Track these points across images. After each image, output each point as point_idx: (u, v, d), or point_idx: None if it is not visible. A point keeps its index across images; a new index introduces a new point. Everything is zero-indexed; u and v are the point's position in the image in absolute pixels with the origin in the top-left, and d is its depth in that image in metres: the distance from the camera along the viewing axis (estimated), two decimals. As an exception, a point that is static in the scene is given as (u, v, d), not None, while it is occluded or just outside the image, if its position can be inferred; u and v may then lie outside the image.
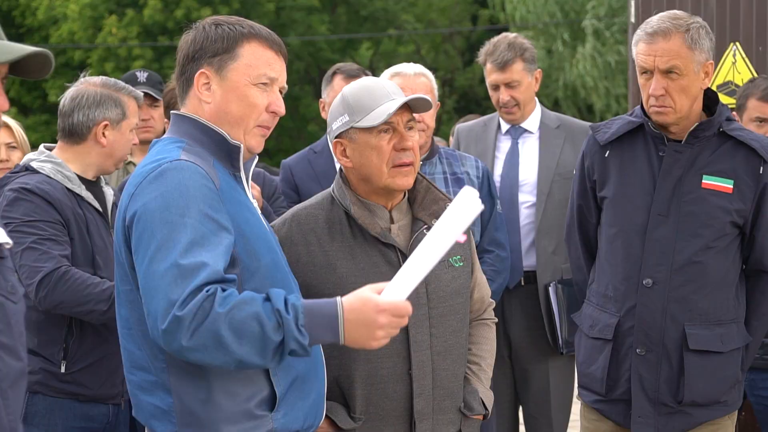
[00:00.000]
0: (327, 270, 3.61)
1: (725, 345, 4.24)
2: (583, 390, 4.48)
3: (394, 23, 30.05)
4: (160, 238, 2.94)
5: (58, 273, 4.21)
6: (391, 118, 3.56)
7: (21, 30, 28.23)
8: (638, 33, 4.26)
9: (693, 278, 4.22)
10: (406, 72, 5.05)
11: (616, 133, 4.36)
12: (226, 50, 3.16)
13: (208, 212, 2.98)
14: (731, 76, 6.30)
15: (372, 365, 3.61)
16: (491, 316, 4.00)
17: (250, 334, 2.87)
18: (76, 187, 4.42)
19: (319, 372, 3.27)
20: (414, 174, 3.66)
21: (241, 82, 3.17)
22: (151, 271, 2.93)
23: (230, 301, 2.87)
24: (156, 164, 3.06)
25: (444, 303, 3.69)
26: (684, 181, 4.24)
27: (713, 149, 4.25)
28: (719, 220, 4.22)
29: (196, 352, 2.88)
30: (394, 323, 2.98)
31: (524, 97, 5.70)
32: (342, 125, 3.63)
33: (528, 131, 5.76)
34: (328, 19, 28.65)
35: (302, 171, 5.61)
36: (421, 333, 3.63)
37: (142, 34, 26.66)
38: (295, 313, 2.91)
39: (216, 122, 3.18)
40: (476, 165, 5.16)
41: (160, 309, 2.89)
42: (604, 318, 4.36)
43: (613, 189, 4.37)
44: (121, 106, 4.54)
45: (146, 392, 3.13)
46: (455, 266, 3.74)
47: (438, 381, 3.67)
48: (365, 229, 3.63)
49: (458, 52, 32.39)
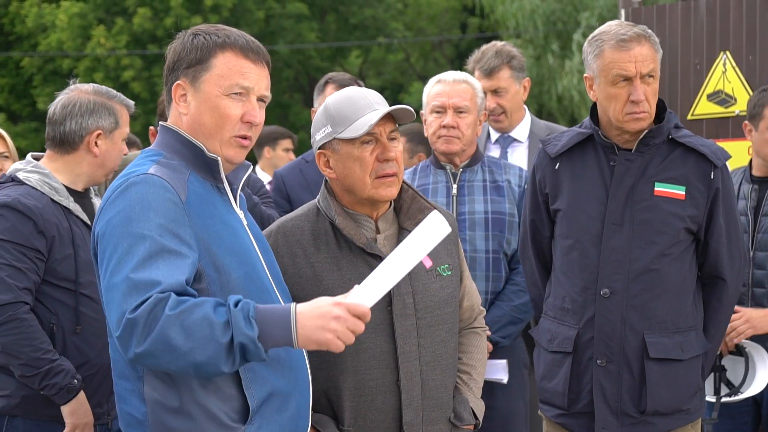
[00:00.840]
0: (313, 282, 3.60)
1: (685, 353, 4.23)
2: (544, 405, 4.46)
3: (384, 31, 30.05)
4: (120, 252, 2.94)
5: (10, 311, 4.14)
6: (374, 128, 3.56)
7: (10, 38, 28.17)
8: (600, 43, 4.22)
9: (650, 286, 4.21)
10: (446, 79, 5.04)
11: (566, 145, 4.36)
12: (199, 61, 3.17)
13: (169, 226, 2.98)
14: (721, 86, 6.29)
15: (360, 377, 3.59)
16: (481, 325, 3.98)
17: (201, 336, 2.85)
18: (64, 200, 4.33)
19: (302, 386, 3.25)
20: (398, 184, 3.65)
21: (212, 93, 3.16)
22: (109, 284, 2.94)
23: (181, 306, 2.85)
24: (124, 178, 3.08)
25: (432, 313, 3.67)
26: (636, 190, 4.23)
27: (664, 156, 4.25)
28: (673, 227, 4.21)
29: (150, 357, 2.87)
30: (350, 321, 2.93)
31: (511, 104, 5.69)
32: (325, 136, 3.63)
33: (517, 140, 5.76)
34: (317, 27, 28.64)
35: (294, 180, 5.60)
36: (409, 343, 3.61)
37: (132, 43, 26.63)
38: (246, 308, 2.89)
39: (192, 134, 3.19)
40: (519, 174, 5.10)
41: (114, 320, 2.90)
42: (562, 331, 4.33)
43: (566, 201, 4.35)
44: (114, 114, 4.44)
45: (125, 401, 3.15)
46: (443, 275, 3.73)
47: (427, 392, 3.66)
48: (351, 240, 3.62)
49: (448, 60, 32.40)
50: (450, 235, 3.82)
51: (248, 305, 2.90)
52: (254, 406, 3.10)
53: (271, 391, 3.13)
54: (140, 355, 2.86)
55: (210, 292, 3.04)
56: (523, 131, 5.77)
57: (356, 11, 29.39)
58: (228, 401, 3.08)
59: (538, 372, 4.46)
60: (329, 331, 2.91)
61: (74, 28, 26.40)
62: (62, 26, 26.24)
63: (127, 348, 2.88)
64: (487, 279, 4.93)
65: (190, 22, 25.80)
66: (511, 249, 4.98)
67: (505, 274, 4.99)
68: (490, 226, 4.93)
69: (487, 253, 4.93)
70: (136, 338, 2.85)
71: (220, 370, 2.91)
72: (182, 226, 3.01)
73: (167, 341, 2.83)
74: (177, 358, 2.85)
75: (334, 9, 29.74)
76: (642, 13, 6.63)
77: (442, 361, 3.70)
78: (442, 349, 3.70)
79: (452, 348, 3.76)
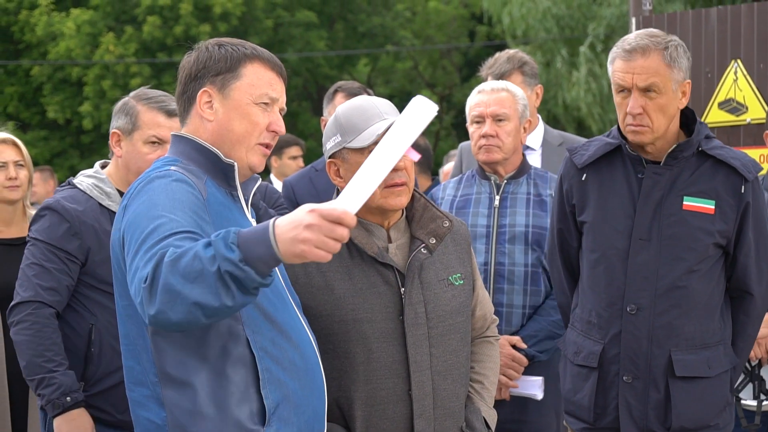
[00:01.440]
0: (324, 291, 3.59)
1: (712, 369, 4.16)
2: (569, 417, 4.41)
3: (392, 39, 30.05)
4: (145, 232, 2.91)
5: (28, 309, 4.24)
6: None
7: (20, 46, 28.22)
8: (615, 50, 4.18)
9: (677, 303, 4.14)
10: (485, 88, 4.99)
11: (593, 155, 4.29)
12: (229, 69, 3.22)
13: (193, 217, 2.98)
14: (732, 94, 6.28)
15: (372, 386, 3.58)
16: (494, 334, 3.97)
17: (195, 273, 2.72)
18: (113, 204, 4.36)
19: (317, 389, 3.25)
20: (407, 194, 3.65)
21: (243, 101, 3.22)
22: (133, 263, 2.90)
23: (176, 252, 2.77)
24: (145, 175, 3.11)
25: (444, 322, 3.66)
26: (664, 204, 4.16)
27: (693, 169, 4.17)
28: (702, 243, 4.13)
29: (162, 314, 2.77)
30: (325, 228, 2.70)
31: None
32: (335, 145, 3.64)
33: (531, 148, 5.74)
34: (326, 36, 28.65)
35: (304, 189, 5.59)
36: (420, 353, 3.61)
37: (141, 51, 26.67)
38: (227, 234, 2.76)
39: (217, 140, 3.22)
40: None
41: (134, 286, 2.87)
42: (588, 345, 4.29)
43: (593, 213, 4.29)
44: (131, 115, 4.42)
45: (143, 407, 3.15)
46: (455, 285, 3.72)
47: (439, 401, 3.65)
48: (362, 250, 3.60)
49: (456, 67, 32.40)
50: (463, 244, 3.82)
51: (228, 232, 2.76)
52: (271, 407, 3.10)
53: (287, 393, 3.13)
54: (155, 316, 2.78)
55: None
56: (537, 139, 5.75)
57: (365, 19, 29.40)
58: (246, 404, 3.08)
59: (564, 383, 4.43)
60: (302, 241, 2.69)
61: (83, 36, 26.45)
62: (71, 34, 26.29)
63: (144, 313, 2.82)
64: (525, 293, 4.87)
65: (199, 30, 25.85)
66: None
67: (544, 289, 4.91)
68: (530, 240, 4.86)
69: (525, 266, 4.87)
70: (146, 300, 2.78)
71: (224, 304, 2.76)
72: (205, 222, 3.02)
73: (169, 289, 2.74)
74: (181, 302, 2.74)
75: (342, 17, 29.77)
76: (653, 22, 6.62)
77: (454, 371, 3.69)
78: (454, 358, 3.69)
79: (464, 357, 3.74)
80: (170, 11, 26.59)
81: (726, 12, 6.33)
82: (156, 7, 26.54)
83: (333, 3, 29.38)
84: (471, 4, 31.71)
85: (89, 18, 26.71)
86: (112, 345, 4.30)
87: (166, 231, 2.89)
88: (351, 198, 2.77)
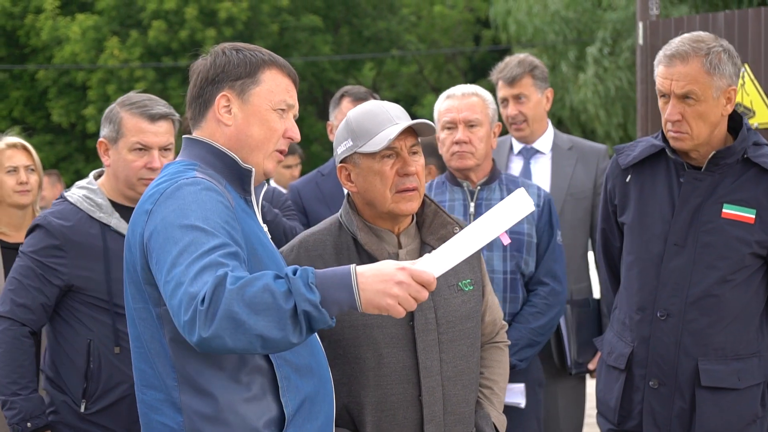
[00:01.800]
0: (335, 297, 3.57)
1: (742, 381, 4.11)
2: (600, 417, 4.41)
3: (397, 43, 30.07)
4: (183, 244, 2.91)
5: (3, 325, 4.20)
6: (394, 143, 3.55)
7: (25, 50, 28.26)
8: (659, 55, 4.13)
9: (708, 312, 4.09)
10: (455, 93, 4.95)
11: (638, 156, 4.24)
12: (248, 74, 3.21)
13: (225, 226, 2.98)
14: (740, 98, 6.27)
15: (382, 391, 3.58)
16: (504, 339, 3.96)
17: (264, 306, 2.78)
18: (105, 216, 4.28)
19: (328, 394, 3.25)
20: (418, 199, 3.64)
21: (262, 107, 3.21)
22: (172, 274, 2.89)
23: (241, 280, 2.81)
24: (172, 181, 3.07)
25: (454, 328, 3.66)
26: (702, 211, 4.10)
27: (736, 177, 4.10)
28: (738, 252, 4.07)
29: (218, 339, 2.80)
30: (413, 287, 2.86)
31: (533, 113, 5.67)
32: (346, 150, 3.63)
33: (540, 152, 5.73)
34: (331, 40, 28.68)
35: (310, 193, 5.60)
36: (430, 358, 3.60)
37: (146, 55, 26.70)
38: (305, 274, 2.84)
39: (235, 145, 3.21)
40: (538, 193, 4.96)
41: (183, 302, 2.84)
42: (619, 347, 4.27)
43: (632, 215, 4.26)
44: (115, 123, 4.31)
45: (157, 412, 3.13)
46: (465, 290, 3.72)
47: (449, 407, 3.64)
48: (372, 255, 3.60)
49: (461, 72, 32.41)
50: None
51: (306, 271, 2.84)
52: (290, 414, 3.10)
53: (304, 397, 3.14)
54: (208, 339, 2.80)
55: None
56: (546, 143, 5.75)
57: (370, 24, 29.42)
58: (264, 410, 3.08)
59: (598, 382, 4.42)
60: (391, 296, 2.85)
61: (88, 41, 26.49)
62: (76, 38, 26.32)
63: (191, 333, 2.82)
64: (505, 300, 4.85)
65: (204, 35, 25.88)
66: (529, 270, 4.90)
67: (522, 296, 4.91)
68: (508, 246, 4.85)
69: (504, 273, 4.86)
70: (200, 321, 2.79)
71: (289, 341, 2.84)
72: (235, 229, 3.02)
73: (232, 317, 2.77)
74: (243, 333, 2.79)
75: (347, 22, 29.79)
76: (660, 26, 6.62)
77: (463, 376, 3.68)
78: (464, 364, 3.68)
79: (474, 363, 3.74)
80: (175, 16, 26.62)
81: (733, 16, 6.32)
82: (161, 11, 26.58)
83: (338, 7, 29.40)
84: (476, 9, 31.72)
85: (94, 23, 26.75)
86: (110, 360, 4.24)
87: (207, 245, 2.89)
88: (436, 263, 2.92)
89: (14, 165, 5.38)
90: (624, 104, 22.27)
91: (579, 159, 5.63)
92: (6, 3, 27.66)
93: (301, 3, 28.52)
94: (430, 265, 2.92)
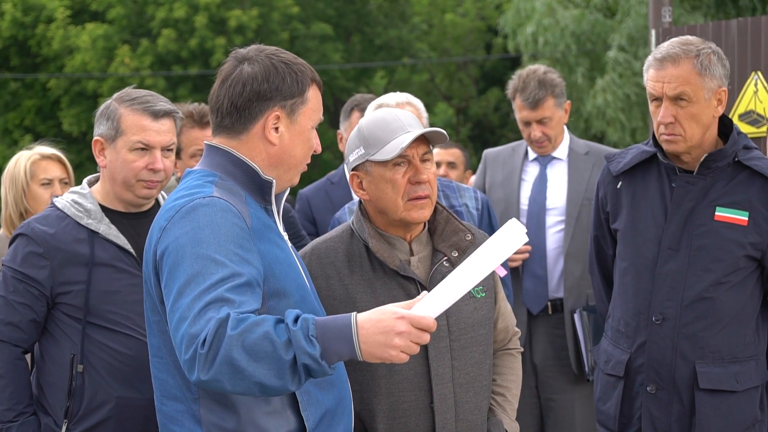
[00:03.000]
0: (346, 304, 3.57)
1: (740, 384, 4.11)
2: (600, 426, 4.40)
3: (408, 52, 30.11)
4: (190, 273, 2.90)
5: None
6: (406, 151, 3.54)
7: (37, 60, 28.35)
8: (649, 59, 4.16)
9: (704, 315, 4.09)
10: (388, 102, 4.85)
11: (629, 163, 4.27)
12: (299, 93, 3.16)
13: (238, 252, 2.95)
14: (753, 105, 6.26)
15: (393, 399, 3.57)
16: (516, 346, 3.95)
17: (263, 354, 2.79)
18: (93, 223, 3.95)
19: (347, 407, 3.24)
20: (430, 207, 3.63)
21: (306, 126, 3.19)
22: (178, 304, 2.89)
23: (242, 324, 2.80)
24: (189, 199, 3.03)
25: (466, 335, 3.65)
26: (695, 214, 4.12)
27: (727, 180, 4.12)
28: (732, 255, 4.08)
29: (216, 382, 2.82)
30: (414, 334, 2.86)
31: (555, 131, 5.66)
32: (358, 158, 3.62)
33: (557, 158, 5.72)
34: (342, 48, 28.72)
35: (319, 202, 5.57)
36: (442, 366, 3.59)
37: (156, 64, 26.76)
38: (305, 325, 2.83)
39: (275, 163, 3.17)
40: (475, 196, 4.92)
41: (184, 341, 2.85)
42: (616, 354, 4.27)
43: (625, 221, 4.27)
44: (113, 119, 3.96)
45: (176, 422, 3.11)
46: (477, 297, 3.70)
47: (461, 414, 3.63)
48: (384, 263, 3.59)
49: (472, 80, 32.43)
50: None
51: (307, 322, 2.83)
52: (310, 428, 3.09)
53: (325, 411, 3.13)
54: (206, 381, 2.83)
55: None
56: (563, 149, 5.73)
57: (381, 32, 29.46)
58: (284, 423, 3.07)
59: (596, 391, 4.41)
60: (393, 347, 2.85)
61: (99, 50, 26.56)
62: (86, 47, 26.39)
63: (191, 372, 2.84)
64: None
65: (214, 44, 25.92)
66: None
67: None
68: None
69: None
70: (200, 364, 2.80)
71: (287, 389, 2.86)
72: (250, 252, 2.98)
73: (231, 363, 2.78)
74: (242, 379, 2.80)
75: (359, 30, 29.82)
76: (672, 34, 6.60)
77: (476, 383, 3.67)
78: (476, 370, 3.67)
79: (486, 370, 3.73)
80: (185, 24, 26.68)
81: (746, 24, 6.31)
82: (171, 20, 26.65)
83: (349, 16, 29.44)
84: (488, 17, 31.74)
85: (104, 32, 26.83)
86: (94, 377, 3.90)
87: (215, 276, 2.88)
88: (433, 305, 2.91)
89: (49, 177, 5.16)
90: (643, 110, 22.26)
91: (596, 164, 5.61)
92: (17, 13, 27.75)
93: (311, 11, 28.58)
94: (427, 307, 2.90)
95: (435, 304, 2.92)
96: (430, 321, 2.87)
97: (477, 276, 2.97)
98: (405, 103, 4.86)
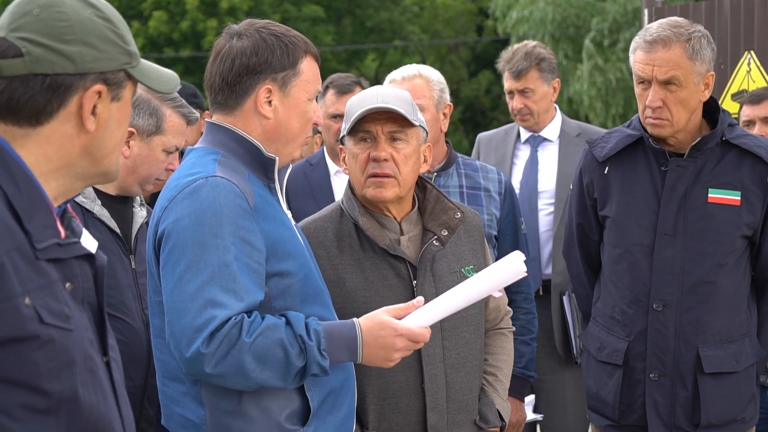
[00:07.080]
0: (336, 284, 3.54)
1: (740, 363, 4.10)
2: (593, 413, 4.34)
3: (400, 34, 30.08)
4: (191, 257, 2.89)
5: None
6: (371, 126, 3.53)
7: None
8: (636, 40, 4.08)
9: (705, 299, 4.06)
10: (395, 78, 4.64)
11: (615, 148, 4.19)
12: (291, 65, 3.11)
13: (240, 233, 2.93)
14: (746, 85, 6.24)
15: (384, 380, 3.55)
16: (508, 326, 3.92)
17: (274, 361, 2.90)
18: (87, 202, 3.84)
19: (350, 386, 3.23)
20: (392, 186, 3.57)
21: (301, 99, 3.14)
22: (178, 291, 2.89)
23: (256, 329, 2.88)
24: (192, 179, 2.99)
25: (456, 315, 3.59)
26: (689, 198, 4.07)
27: (717, 160, 4.08)
28: (729, 236, 4.05)
29: (219, 378, 2.90)
30: (410, 347, 3.08)
31: (538, 106, 5.62)
32: (342, 134, 3.63)
33: (548, 140, 5.69)
34: (333, 30, 28.68)
35: (298, 183, 5.36)
36: (433, 346, 3.57)
37: (147, 46, 26.70)
38: (317, 338, 2.94)
39: (272, 137, 3.13)
40: (498, 179, 4.68)
41: (186, 335, 2.86)
42: (612, 341, 4.21)
43: (616, 208, 4.20)
44: (157, 116, 3.91)
45: (178, 404, 3.09)
46: (468, 276, 3.67)
47: (452, 394, 3.61)
48: (374, 242, 3.56)
49: (464, 62, 32.40)
50: (476, 236, 3.78)
51: (318, 335, 2.95)
52: (314, 407, 3.08)
53: (329, 391, 3.12)
54: (209, 375, 2.89)
55: (271, 297, 3.01)
56: (554, 131, 5.70)
57: (372, 14, 29.43)
58: (288, 403, 3.06)
59: (587, 378, 4.36)
60: (392, 361, 3.09)
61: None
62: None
63: (193, 367, 2.88)
64: None
65: (205, 26, 25.87)
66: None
67: None
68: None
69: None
70: (208, 360, 2.85)
71: (285, 387, 3.02)
72: (253, 233, 2.96)
73: (241, 366, 2.87)
74: (245, 380, 2.90)
75: (350, 12, 29.78)
76: (665, 13, 6.59)
77: (467, 363, 3.65)
78: (467, 350, 3.65)
79: (477, 350, 3.71)
80: (176, 6, 26.63)
81: (739, 3, 6.29)
82: (162, 2, 26.60)
83: (340, -2, 29.39)
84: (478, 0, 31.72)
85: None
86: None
87: (214, 263, 2.88)
88: (426, 317, 3.10)
89: None
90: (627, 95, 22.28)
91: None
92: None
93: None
94: (423, 318, 3.09)
95: (428, 316, 3.10)
96: (426, 337, 3.07)
97: (472, 298, 3.17)
98: (414, 75, 4.60)
